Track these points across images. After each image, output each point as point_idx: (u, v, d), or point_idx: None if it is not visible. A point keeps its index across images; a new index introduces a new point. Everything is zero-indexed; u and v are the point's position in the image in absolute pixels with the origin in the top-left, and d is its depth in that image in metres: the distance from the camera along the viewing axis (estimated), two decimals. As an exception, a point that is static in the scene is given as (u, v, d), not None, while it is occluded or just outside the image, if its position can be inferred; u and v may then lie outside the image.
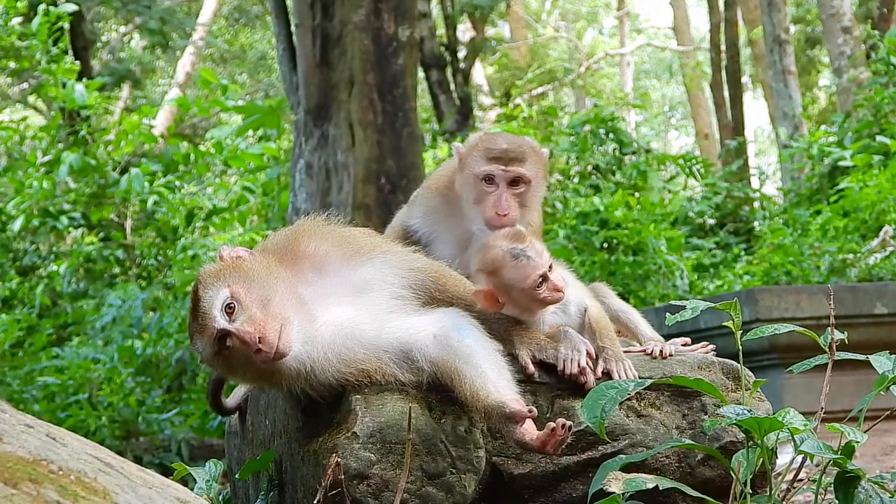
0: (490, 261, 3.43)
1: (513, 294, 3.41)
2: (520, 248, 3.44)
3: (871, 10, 21.71)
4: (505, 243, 3.46)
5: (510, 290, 3.41)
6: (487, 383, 3.17)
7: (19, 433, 2.51)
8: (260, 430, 3.72)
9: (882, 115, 13.98)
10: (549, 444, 3.10)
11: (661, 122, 43.74)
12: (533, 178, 3.84)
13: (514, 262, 3.41)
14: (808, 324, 4.29)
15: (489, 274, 3.42)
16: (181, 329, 11.33)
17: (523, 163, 3.83)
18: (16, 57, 16.27)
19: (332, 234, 3.41)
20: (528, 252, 3.43)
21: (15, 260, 14.98)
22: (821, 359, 3.30)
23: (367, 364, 3.22)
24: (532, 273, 3.39)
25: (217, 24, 30.11)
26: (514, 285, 3.40)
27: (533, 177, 3.84)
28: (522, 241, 3.47)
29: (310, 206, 10.51)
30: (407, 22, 10.95)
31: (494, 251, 3.45)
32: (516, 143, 3.91)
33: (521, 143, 3.92)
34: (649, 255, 12.44)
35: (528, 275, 3.39)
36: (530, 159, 3.86)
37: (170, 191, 14.63)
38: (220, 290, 3.17)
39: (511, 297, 3.41)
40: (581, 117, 16.49)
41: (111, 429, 9.98)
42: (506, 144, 3.89)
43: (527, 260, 3.41)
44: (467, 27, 26.78)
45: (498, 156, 3.84)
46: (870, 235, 10.94)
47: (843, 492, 3.04)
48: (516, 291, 3.41)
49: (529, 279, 3.39)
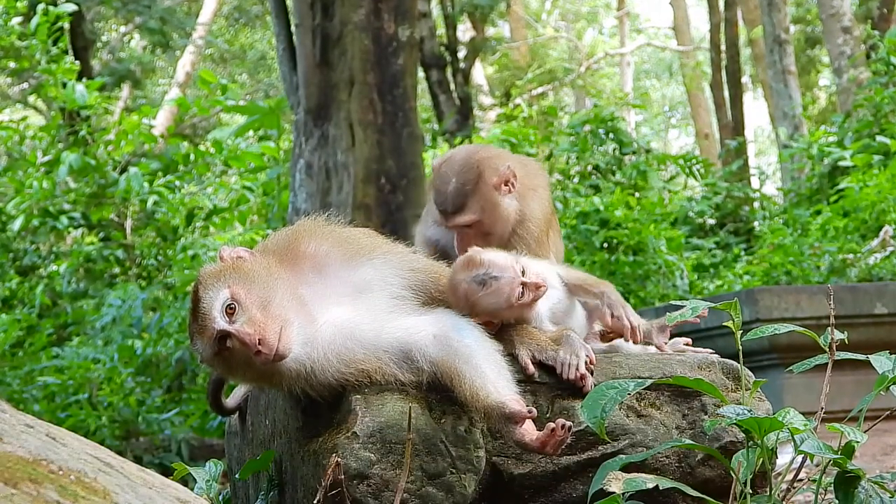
0: (463, 297, 3.31)
1: (500, 314, 3.36)
2: (483, 273, 3.31)
3: (871, 10, 21.72)
4: (464, 275, 3.33)
5: (495, 313, 3.34)
6: (487, 383, 3.17)
7: (19, 433, 2.51)
8: (260, 430, 3.72)
9: (882, 115, 13.98)
10: (549, 444, 3.10)
11: (661, 122, 43.73)
12: (481, 214, 3.82)
13: (484, 290, 3.30)
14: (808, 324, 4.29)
15: (469, 308, 3.33)
16: (181, 329, 11.34)
17: (462, 211, 3.81)
18: (16, 57, 16.26)
19: (333, 235, 3.40)
20: (493, 272, 3.31)
21: (15, 260, 14.98)
22: (821, 359, 3.30)
23: (366, 364, 3.22)
24: (509, 291, 3.31)
25: (217, 24, 30.11)
26: (498, 308, 3.33)
27: (480, 213, 3.82)
28: (480, 265, 3.32)
29: (310, 206, 10.50)
30: (407, 22, 10.94)
31: (461, 287, 3.32)
32: (455, 189, 3.86)
33: (460, 187, 3.87)
34: (649, 255, 12.45)
35: (505, 293, 3.31)
36: (472, 199, 3.83)
37: (170, 191, 14.63)
38: (220, 290, 3.16)
39: (500, 316, 3.37)
40: (581, 117, 16.50)
41: (111, 429, 9.98)
42: (443, 196, 3.84)
43: (496, 281, 3.30)
44: (467, 27, 26.78)
45: (440, 210, 3.87)
46: (870, 235, 10.94)
47: (843, 492, 3.04)
48: (502, 311, 3.35)
49: (509, 297, 3.31)
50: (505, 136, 16.01)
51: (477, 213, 3.83)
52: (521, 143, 15.79)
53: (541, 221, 3.97)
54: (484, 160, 3.94)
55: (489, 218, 3.85)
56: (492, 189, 3.88)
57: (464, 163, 3.94)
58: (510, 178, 3.91)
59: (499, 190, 3.89)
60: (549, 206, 4.06)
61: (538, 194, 4.01)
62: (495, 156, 4.02)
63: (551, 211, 4.09)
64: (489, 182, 3.88)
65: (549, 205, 4.08)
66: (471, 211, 3.84)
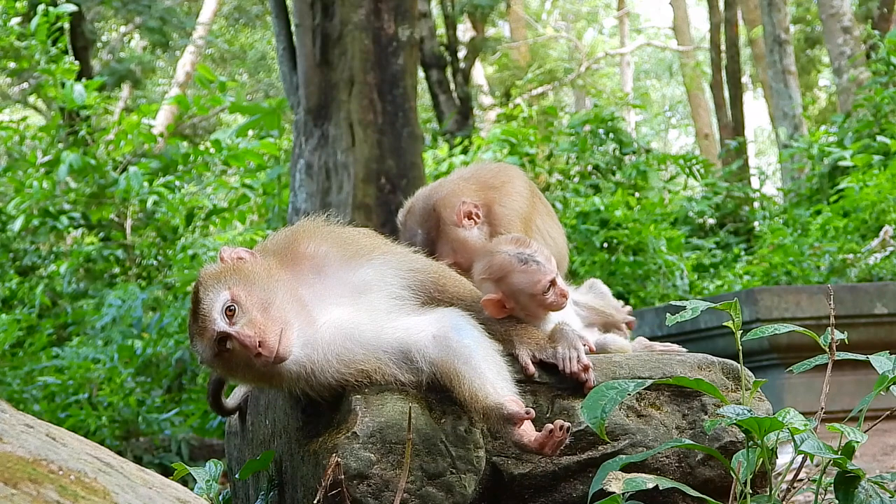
0: (498, 267, 3.40)
1: (521, 300, 3.39)
2: (527, 253, 3.41)
3: (871, 10, 21.73)
4: (511, 248, 3.43)
5: (518, 295, 3.39)
6: (486, 384, 3.17)
7: (19, 433, 2.51)
8: (260, 430, 3.72)
9: (882, 115, 13.98)
10: (548, 445, 3.10)
11: (661, 122, 43.73)
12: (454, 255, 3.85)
13: (522, 266, 3.38)
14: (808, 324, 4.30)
15: (496, 281, 3.39)
16: (181, 329, 11.34)
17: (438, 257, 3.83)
18: (15, 57, 16.27)
19: (332, 235, 3.40)
20: (537, 257, 3.40)
21: (15, 260, 14.99)
22: (821, 359, 3.30)
23: (366, 365, 3.22)
24: (542, 278, 3.37)
25: (217, 24, 30.11)
26: (524, 290, 3.38)
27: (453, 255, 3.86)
28: (528, 246, 3.44)
29: (310, 206, 10.51)
30: (407, 22, 10.94)
31: (501, 257, 3.41)
32: (422, 240, 3.93)
33: (426, 236, 3.93)
34: (649, 255, 12.45)
35: (539, 280, 3.37)
36: (441, 244, 3.90)
37: (170, 190, 14.64)
38: (220, 292, 3.16)
39: (519, 302, 3.40)
40: (581, 117, 16.50)
41: (111, 429, 9.98)
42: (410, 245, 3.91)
43: (536, 265, 3.38)
44: (467, 27, 26.78)
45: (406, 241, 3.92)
46: (870, 235, 10.94)
47: (843, 492, 3.04)
48: (525, 297, 3.39)
49: (539, 284, 3.37)
50: (505, 136, 16.01)
51: (451, 256, 3.88)
52: (521, 143, 15.80)
53: (511, 220, 3.98)
54: (439, 202, 3.99)
55: (462, 255, 3.89)
56: (455, 228, 3.94)
57: (422, 211, 4.01)
58: (471, 210, 3.96)
59: (462, 226, 3.95)
60: (524, 207, 4.04)
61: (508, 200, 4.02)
62: (450, 193, 4.04)
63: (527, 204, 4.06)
64: (450, 222, 3.94)
65: (523, 200, 4.05)
66: (444, 256, 3.88)
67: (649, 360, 3.51)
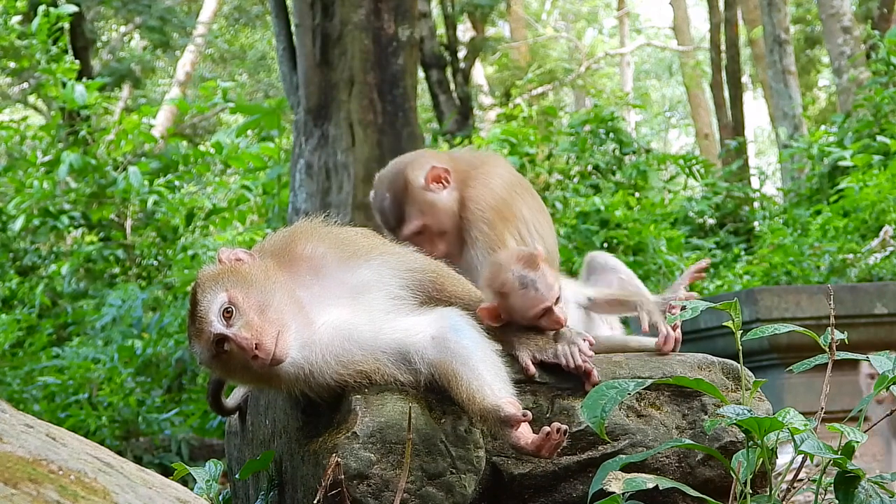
0: (500, 283, 3.39)
1: (514, 317, 3.41)
2: (530, 278, 3.39)
3: (871, 10, 21.72)
4: (517, 267, 3.41)
5: (512, 313, 3.40)
6: (484, 386, 3.16)
7: (19, 433, 2.51)
8: (260, 430, 3.72)
9: (882, 115, 13.98)
10: (544, 448, 3.09)
11: (661, 122, 43.71)
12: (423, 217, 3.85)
13: (522, 290, 3.37)
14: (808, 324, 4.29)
15: (496, 293, 3.40)
16: (181, 329, 11.34)
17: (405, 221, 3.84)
18: (16, 57, 16.28)
19: (330, 236, 3.40)
20: (538, 283, 3.38)
21: (15, 260, 14.99)
22: (821, 359, 3.30)
23: (365, 365, 3.22)
24: (538, 305, 3.37)
25: (217, 24, 30.09)
26: (518, 311, 3.39)
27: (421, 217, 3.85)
28: (534, 269, 3.41)
29: (310, 206, 10.50)
30: (407, 22, 10.94)
31: (505, 275, 3.40)
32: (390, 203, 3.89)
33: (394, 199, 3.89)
34: (649, 255, 12.45)
35: (534, 306, 3.37)
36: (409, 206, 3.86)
37: (170, 190, 14.64)
38: (217, 294, 3.16)
39: (512, 318, 3.41)
40: (581, 117, 16.50)
41: (111, 429, 9.98)
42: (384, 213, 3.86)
43: (535, 291, 3.37)
44: (467, 27, 26.77)
45: (387, 228, 3.89)
46: (870, 235, 10.94)
47: (843, 492, 3.04)
48: (518, 316, 3.40)
49: (534, 310, 3.37)
50: (505, 136, 16.01)
51: (419, 218, 3.86)
52: (521, 143, 15.79)
53: (488, 204, 3.91)
54: (407, 165, 3.97)
55: (432, 218, 3.88)
56: (423, 190, 3.91)
57: (391, 175, 3.99)
58: (440, 173, 3.93)
59: (430, 189, 3.92)
60: (503, 189, 3.96)
61: (485, 178, 3.96)
62: (419, 157, 4.05)
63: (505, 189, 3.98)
64: (417, 184, 3.91)
65: (506, 188, 3.98)
66: (413, 218, 3.87)
67: (649, 360, 3.51)
